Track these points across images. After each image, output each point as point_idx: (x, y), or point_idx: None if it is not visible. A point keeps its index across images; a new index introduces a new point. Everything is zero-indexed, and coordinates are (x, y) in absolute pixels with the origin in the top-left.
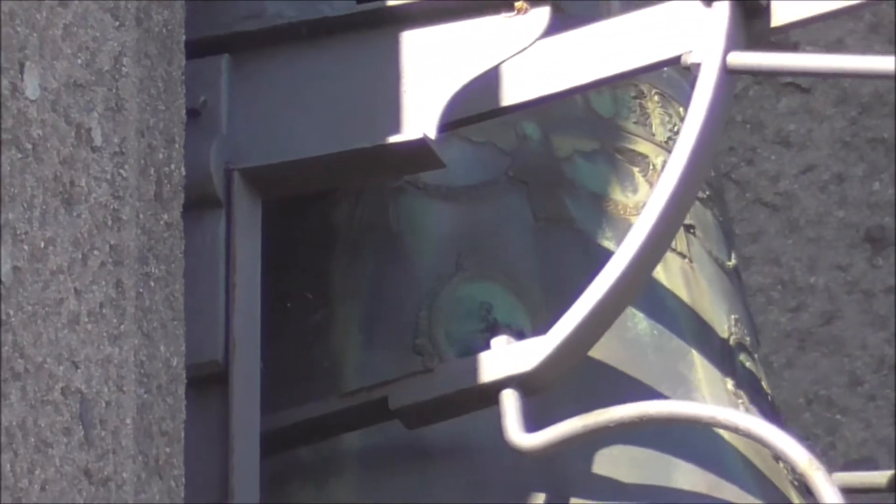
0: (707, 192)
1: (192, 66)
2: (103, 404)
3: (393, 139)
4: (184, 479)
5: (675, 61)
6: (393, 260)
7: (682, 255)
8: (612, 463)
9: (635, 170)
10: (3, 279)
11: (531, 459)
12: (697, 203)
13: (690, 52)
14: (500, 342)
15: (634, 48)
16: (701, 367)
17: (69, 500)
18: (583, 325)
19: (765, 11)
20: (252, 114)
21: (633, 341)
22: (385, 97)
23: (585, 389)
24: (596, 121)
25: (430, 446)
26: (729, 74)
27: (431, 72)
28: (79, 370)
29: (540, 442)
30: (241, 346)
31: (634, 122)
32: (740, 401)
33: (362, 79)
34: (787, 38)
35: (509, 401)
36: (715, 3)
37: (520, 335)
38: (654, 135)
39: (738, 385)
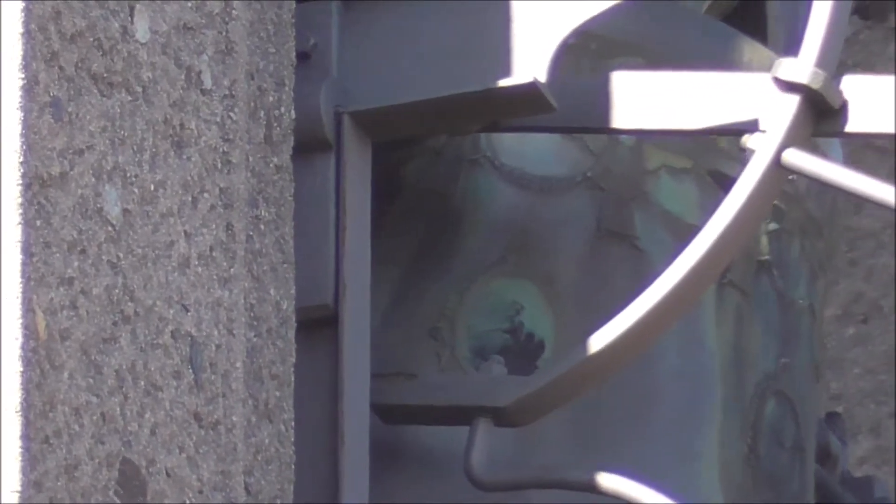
0: (803, 225)
1: (302, 9)
2: (213, 348)
3: (503, 83)
4: (293, 423)
5: (738, 134)
6: (443, 234)
7: (744, 293)
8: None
9: (723, 195)
10: (113, 222)
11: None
12: (784, 237)
13: (751, 135)
14: (490, 367)
15: (710, 109)
16: (721, 413)
17: (179, 443)
18: (586, 365)
19: (838, 114)
20: (362, 57)
21: (655, 378)
22: (495, 41)
23: (585, 421)
24: (697, 138)
25: (405, 441)
26: (780, 169)
27: (542, 16)
28: (189, 313)
29: (492, 480)
30: (352, 289)
31: (738, 144)
32: (753, 454)
33: (472, 22)
34: None
35: (478, 430)
36: (786, 94)
37: (539, 346)
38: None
39: (755, 436)
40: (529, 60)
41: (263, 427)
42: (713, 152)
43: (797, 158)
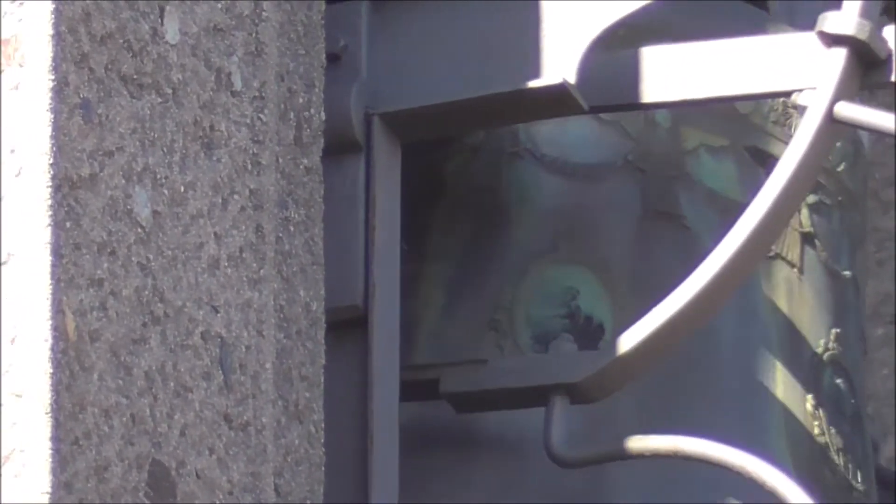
0: (839, 198)
1: (332, 10)
2: (243, 349)
3: (533, 83)
4: (323, 424)
5: (787, 95)
6: (491, 228)
7: (792, 265)
8: (656, 471)
9: (762, 171)
10: (143, 223)
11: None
12: (824, 209)
13: (801, 91)
14: (559, 345)
15: (755, 73)
16: (782, 383)
17: (209, 444)
18: (651, 339)
19: (884, 64)
20: (392, 58)
21: (715, 350)
22: (525, 42)
23: (654, 394)
24: (731, 115)
25: (477, 431)
26: (833, 124)
27: (571, 17)
28: (218, 314)
29: (574, 456)
30: (381, 290)
31: (773, 122)
32: (817, 422)
33: (502, 24)
34: None
35: (555, 408)
36: (833, 48)
37: (598, 329)
38: (791, 136)
39: (818, 404)
40: (559, 61)
41: (293, 428)
42: (749, 129)
43: (850, 111)
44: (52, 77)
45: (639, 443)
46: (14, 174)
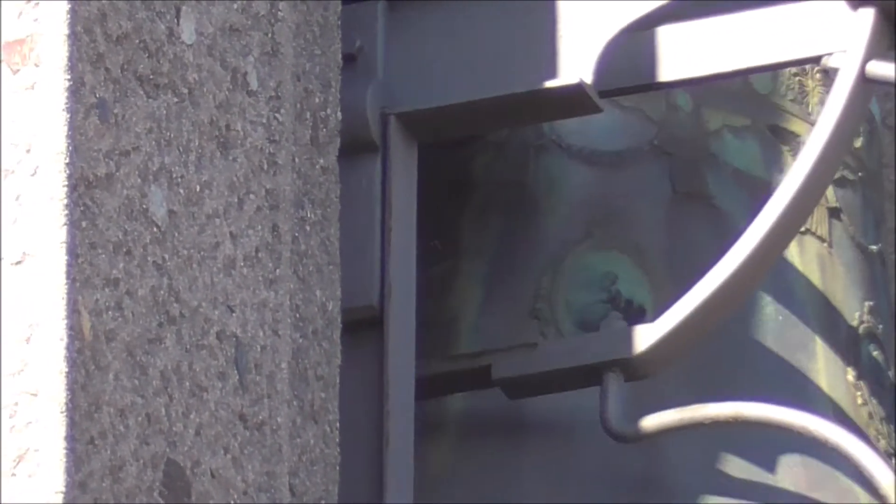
0: (860, 174)
1: (347, 11)
2: (258, 349)
3: (549, 84)
4: (339, 425)
5: (815, 61)
6: (524, 220)
7: (822, 240)
8: (711, 449)
9: (785, 149)
10: (158, 223)
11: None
12: (848, 185)
13: (831, 54)
14: (609, 324)
15: (778, 43)
16: (822, 357)
17: (224, 444)
18: (697, 314)
19: None
20: (408, 59)
21: (755, 326)
22: (541, 43)
23: (699, 372)
24: (751, 96)
25: (528, 417)
26: (866, 83)
27: (587, 18)
28: (234, 314)
29: (634, 430)
30: (397, 290)
31: (791, 100)
32: (859, 392)
33: (518, 24)
34: None
35: (610, 385)
36: (860, 9)
37: (640, 311)
38: (810, 114)
39: (859, 376)
40: (576, 62)
41: (309, 428)
42: (769, 108)
43: (882, 69)
44: (69, 77)
45: (699, 411)
46: (30, 174)
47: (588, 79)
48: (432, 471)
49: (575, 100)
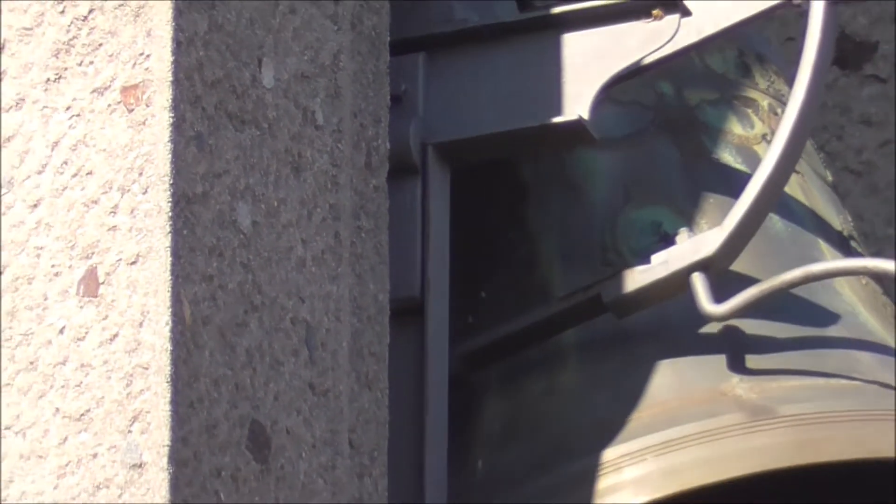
0: None
1: (395, 61)
2: (324, 331)
3: (555, 119)
4: (388, 391)
5: (787, 5)
6: (574, 200)
7: (796, 171)
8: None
9: (749, 111)
10: (244, 231)
11: (721, 324)
12: None
13: None
14: (681, 237)
15: None
16: (828, 253)
17: (296, 407)
18: (748, 215)
19: None
20: (443, 99)
21: (774, 237)
22: (548, 86)
23: (747, 269)
24: (713, 75)
25: (633, 332)
26: (834, 4)
27: (585, 66)
28: (305, 304)
29: (727, 309)
30: (434, 284)
31: (742, 76)
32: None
33: (530, 71)
34: (868, 38)
35: (699, 281)
36: None
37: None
38: (757, 84)
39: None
40: (576, 101)
41: (364, 395)
42: (727, 83)
43: None
44: (172, 115)
45: (774, 281)
46: (142, 192)
47: (585, 115)
48: (561, 395)
49: (575, 133)
